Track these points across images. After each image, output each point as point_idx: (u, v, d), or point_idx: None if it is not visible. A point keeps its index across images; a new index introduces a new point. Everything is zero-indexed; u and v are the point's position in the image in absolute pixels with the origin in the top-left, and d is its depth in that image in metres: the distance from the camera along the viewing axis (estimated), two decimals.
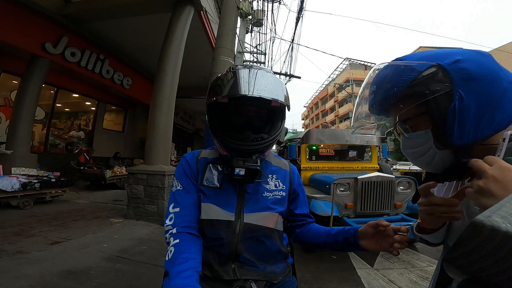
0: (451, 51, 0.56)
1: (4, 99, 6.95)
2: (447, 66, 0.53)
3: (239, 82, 0.84)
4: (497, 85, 0.52)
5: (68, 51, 6.72)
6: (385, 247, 0.77)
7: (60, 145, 8.66)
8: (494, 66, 0.53)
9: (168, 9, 5.63)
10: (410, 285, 2.85)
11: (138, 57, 9.01)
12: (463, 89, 0.52)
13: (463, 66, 0.52)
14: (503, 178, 0.42)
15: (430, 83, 0.54)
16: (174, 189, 0.96)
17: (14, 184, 4.70)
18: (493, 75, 0.52)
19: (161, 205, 4.62)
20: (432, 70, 0.54)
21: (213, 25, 7.13)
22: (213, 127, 0.92)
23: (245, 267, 0.92)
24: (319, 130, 5.87)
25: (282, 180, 1.03)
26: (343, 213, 3.57)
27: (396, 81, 0.56)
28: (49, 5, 6.05)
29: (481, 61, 0.53)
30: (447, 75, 0.53)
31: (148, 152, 5.01)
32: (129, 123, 11.46)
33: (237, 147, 0.88)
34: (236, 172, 0.86)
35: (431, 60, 0.55)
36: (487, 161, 0.45)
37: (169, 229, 0.89)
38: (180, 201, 0.93)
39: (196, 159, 1.00)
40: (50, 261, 2.72)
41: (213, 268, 0.91)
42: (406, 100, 0.57)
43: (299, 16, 9.57)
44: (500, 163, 0.43)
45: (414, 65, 0.55)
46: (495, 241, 0.31)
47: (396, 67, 0.58)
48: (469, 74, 0.52)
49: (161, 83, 5.14)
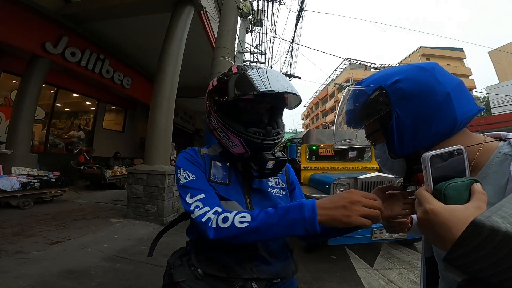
0: (394, 70, 0.63)
1: (4, 99, 6.95)
2: (387, 87, 0.61)
3: (267, 78, 0.85)
4: (431, 99, 0.57)
5: (68, 51, 6.72)
6: (396, 211, 0.75)
7: (60, 145, 8.66)
8: (431, 80, 0.58)
9: (168, 9, 5.64)
10: (410, 285, 2.85)
11: (138, 57, 9.02)
12: (399, 108, 0.59)
13: (400, 86, 0.59)
14: (430, 222, 0.42)
15: (375, 104, 0.62)
16: (185, 181, 0.86)
17: (14, 184, 4.71)
18: (427, 90, 0.57)
19: (161, 205, 4.62)
20: (377, 93, 0.62)
21: (213, 25, 7.14)
22: (231, 125, 0.89)
23: (261, 266, 0.90)
24: (319, 130, 5.86)
25: (280, 176, 1.04)
26: None
27: (354, 104, 0.67)
28: (49, 5, 6.06)
29: (418, 78, 0.59)
30: (387, 96, 0.60)
31: (148, 152, 5.01)
32: (129, 123, 11.47)
33: (263, 143, 0.88)
34: (268, 165, 0.90)
35: (377, 82, 0.63)
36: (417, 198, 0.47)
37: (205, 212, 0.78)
38: (200, 187, 0.85)
39: (200, 154, 0.96)
40: (50, 261, 2.73)
41: (230, 267, 0.86)
42: (363, 119, 0.67)
43: (299, 16, 9.57)
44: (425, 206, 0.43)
45: (366, 89, 0.64)
46: (495, 241, 0.31)
47: (354, 92, 0.68)
48: (404, 93, 0.59)
49: (161, 83, 5.14)
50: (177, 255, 0.94)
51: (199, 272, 0.86)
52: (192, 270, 0.87)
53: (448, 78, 0.59)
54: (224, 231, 0.72)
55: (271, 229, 0.68)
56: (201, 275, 0.85)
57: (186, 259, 0.90)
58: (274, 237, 0.70)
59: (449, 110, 0.57)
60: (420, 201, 0.45)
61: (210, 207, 0.79)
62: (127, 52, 8.64)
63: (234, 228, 0.71)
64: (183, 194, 0.84)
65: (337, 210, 0.64)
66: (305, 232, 0.65)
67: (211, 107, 0.94)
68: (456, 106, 0.57)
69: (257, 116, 0.93)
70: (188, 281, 0.84)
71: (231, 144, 0.90)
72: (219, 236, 0.72)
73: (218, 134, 0.93)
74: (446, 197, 0.42)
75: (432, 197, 0.44)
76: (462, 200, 0.42)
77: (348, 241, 3.40)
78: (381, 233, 3.29)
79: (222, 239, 0.73)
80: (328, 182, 3.67)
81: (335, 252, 3.73)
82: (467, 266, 0.34)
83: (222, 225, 0.73)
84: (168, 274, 0.90)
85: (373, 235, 3.29)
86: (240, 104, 0.92)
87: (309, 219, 0.65)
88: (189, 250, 0.94)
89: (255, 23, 9.91)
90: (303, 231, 0.66)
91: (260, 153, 0.88)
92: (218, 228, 0.73)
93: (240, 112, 0.92)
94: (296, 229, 0.66)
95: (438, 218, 0.41)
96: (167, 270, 0.92)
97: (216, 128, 0.93)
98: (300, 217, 0.66)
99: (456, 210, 0.40)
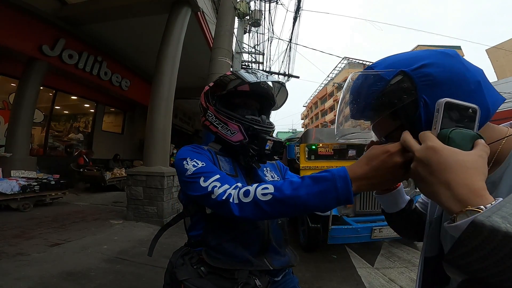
0: (417, 54, 0.55)
1: (3, 102, 6.93)
2: (412, 72, 0.52)
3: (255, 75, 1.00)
4: (462, 88, 0.51)
5: (66, 53, 6.70)
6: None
7: (60, 148, 8.64)
8: (460, 67, 0.52)
9: (165, 10, 5.63)
10: (411, 284, 2.85)
11: (136, 58, 9.00)
12: (427, 95, 0.51)
13: (427, 71, 0.52)
14: (429, 161, 0.41)
15: (397, 92, 0.53)
16: (194, 168, 0.83)
17: (13, 187, 4.70)
18: (458, 78, 0.51)
19: (160, 206, 4.62)
20: (398, 78, 0.53)
21: (211, 26, 7.13)
22: (231, 113, 0.97)
23: (274, 257, 0.93)
24: (318, 129, 5.87)
25: (274, 171, 1.13)
26: (342, 212, 3.57)
27: (368, 92, 0.57)
28: (46, 7, 6.04)
29: (447, 63, 0.52)
30: (412, 82, 0.52)
31: (147, 154, 5.01)
32: (128, 125, 11.44)
33: (260, 128, 0.96)
34: (267, 145, 0.95)
35: (398, 66, 0.54)
36: (420, 139, 0.45)
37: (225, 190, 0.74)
38: (213, 170, 0.83)
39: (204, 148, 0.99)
40: (50, 263, 2.73)
41: (247, 260, 0.87)
42: (380, 110, 0.57)
43: (297, 16, 9.57)
44: (427, 143, 0.43)
45: (382, 73, 0.55)
46: (495, 242, 0.31)
47: (366, 77, 0.58)
48: (433, 79, 0.51)
49: (159, 84, 5.14)
50: (178, 254, 0.94)
51: (202, 270, 0.86)
52: (195, 268, 0.87)
53: (474, 67, 0.54)
54: (248, 206, 0.67)
55: (298, 201, 0.61)
56: (204, 273, 0.85)
57: (188, 257, 0.90)
58: (302, 211, 0.63)
59: (482, 99, 0.51)
60: (423, 140, 0.44)
61: (229, 184, 0.76)
62: (125, 53, 8.61)
63: (258, 200, 0.66)
64: (194, 180, 0.80)
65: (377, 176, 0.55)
66: (338, 204, 0.59)
67: (208, 103, 1.01)
68: (487, 95, 0.52)
69: (251, 111, 1.04)
70: (192, 280, 0.84)
71: (230, 132, 0.95)
72: (244, 213, 0.68)
73: (215, 127, 0.98)
74: (450, 139, 0.41)
75: (435, 138, 0.43)
76: (465, 147, 0.41)
77: (348, 240, 3.41)
78: (381, 232, 3.30)
79: (247, 214, 0.68)
80: None
81: (335, 251, 3.74)
82: (467, 266, 0.34)
83: (244, 200, 0.68)
84: (170, 273, 0.90)
85: (372, 233, 3.30)
86: (235, 101, 1.03)
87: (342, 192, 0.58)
88: (192, 249, 0.94)
89: (253, 24, 9.93)
90: (335, 204, 0.60)
91: (259, 136, 0.95)
92: (241, 204, 0.69)
93: (236, 107, 1.03)
94: (328, 201, 0.59)
95: (438, 156, 0.40)
96: (169, 269, 0.92)
97: (214, 121, 0.99)
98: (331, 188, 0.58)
99: (457, 152, 0.40)
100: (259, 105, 1.08)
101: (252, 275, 0.87)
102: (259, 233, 0.91)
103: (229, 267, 0.86)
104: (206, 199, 0.77)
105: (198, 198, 0.81)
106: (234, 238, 0.89)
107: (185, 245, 0.98)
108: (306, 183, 0.61)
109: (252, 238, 0.90)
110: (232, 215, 0.69)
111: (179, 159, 0.89)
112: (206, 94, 1.03)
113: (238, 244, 0.88)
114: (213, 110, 0.99)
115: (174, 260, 0.92)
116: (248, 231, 0.90)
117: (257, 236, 0.91)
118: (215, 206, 0.76)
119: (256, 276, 0.87)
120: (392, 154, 0.52)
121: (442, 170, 0.39)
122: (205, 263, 0.87)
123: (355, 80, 0.61)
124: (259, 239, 0.91)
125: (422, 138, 0.44)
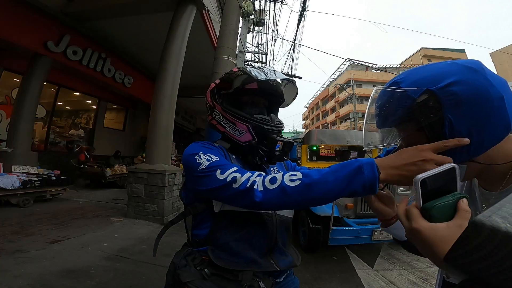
0: (444, 70, 0.56)
1: (6, 97, 6.95)
2: (438, 91, 0.53)
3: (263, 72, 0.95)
4: (487, 105, 0.52)
5: (70, 50, 6.73)
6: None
7: (61, 143, 8.66)
8: (484, 83, 0.53)
9: (170, 8, 5.64)
10: (410, 286, 2.85)
11: (139, 56, 9.02)
12: (452, 114, 0.53)
13: (453, 90, 0.53)
14: (414, 239, 0.46)
15: (423, 110, 0.55)
16: (209, 162, 0.80)
17: (14, 182, 4.70)
18: (483, 95, 0.52)
19: (161, 204, 4.62)
20: (425, 97, 0.55)
21: (215, 25, 7.14)
22: (239, 113, 0.94)
23: (280, 257, 0.92)
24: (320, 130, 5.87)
25: (282, 170, 1.07)
26: (344, 214, 3.57)
27: (394, 108, 0.59)
28: (52, 3, 6.05)
29: (472, 80, 0.53)
30: (438, 101, 0.54)
31: (149, 151, 5.01)
32: (129, 122, 11.47)
33: (269, 127, 0.93)
34: (278, 146, 0.93)
35: (424, 84, 0.55)
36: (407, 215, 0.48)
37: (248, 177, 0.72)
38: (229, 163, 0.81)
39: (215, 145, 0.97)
40: (50, 260, 2.72)
41: (255, 261, 0.86)
42: (405, 126, 0.60)
43: (301, 17, 9.56)
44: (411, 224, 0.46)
45: (409, 92, 0.56)
46: (495, 241, 0.31)
47: (393, 93, 0.59)
48: (458, 98, 0.52)
49: (163, 82, 5.14)
50: (181, 255, 0.92)
51: (206, 272, 0.84)
52: (198, 270, 0.85)
53: (498, 79, 0.55)
54: (273, 192, 0.66)
55: (326, 185, 0.62)
56: (208, 275, 0.84)
57: (191, 258, 0.88)
58: (329, 195, 0.63)
59: (503, 115, 0.52)
60: (409, 218, 0.47)
61: (251, 173, 0.74)
62: (129, 51, 8.64)
63: (285, 186, 0.65)
64: (209, 174, 0.77)
65: (405, 168, 0.57)
66: (363, 190, 0.60)
67: (215, 101, 0.99)
68: (509, 110, 0.52)
69: (259, 109, 1.01)
70: (196, 281, 0.82)
71: (238, 132, 0.93)
72: (267, 197, 0.67)
73: (223, 126, 0.96)
74: (431, 217, 0.45)
75: (418, 216, 0.46)
76: (446, 218, 0.44)
77: (348, 242, 3.41)
78: (381, 234, 3.29)
79: (270, 200, 0.67)
80: None
81: (335, 252, 3.73)
82: (467, 266, 0.35)
83: (270, 186, 0.67)
84: (172, 275, 0.88)
85: (373, 235, 3.29)
86: (243, 98, 1.00)
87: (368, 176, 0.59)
88: (194, 248, 0.91)
89: (257, 23, 9.92)
90: (361, 189, 0.60)
91: (269, 136, 0.93)
92: (266, 191, 0.67)
93: (244, 105, 1.00)
94: (354, 185, 0.60)
95: (421, 237, 0.44)
96: (172, 270, 0.90)
97: (221, 120, 0.96)
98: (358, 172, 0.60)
99: (438, 229, 0.43)
100: (267, 103, 1.04)
101: (256, 277, 0.85)
102: (267, 233, 0.89)
103: (235, 268, 0.84)
104: (223, 190, 0.74)
105: (213, 192, 0.78)
106: (242, 237, 0.87)
107: (186, 245, 0.97)
108: (333, 168, 0.63)
109: (260, 239, 0.89)
110: (253, 202, 0.68)
111: (189, 154, 0.85)
112: (213, 92, 1.00)
113: (245, 244, 0.86)
114: (220, 109, 0.96)
115: (177, 261, 0.90)
116: (256, 231, 0.88)
117: (265, 237, 0.89)
118: (235, 196, 0.72)
119: (259, 278, 0.86)
120: (422, 150, 0.55)
121: (429, 248, 0.43)
122: (208, 264, 0.85)
123: (381, 95, 0.63)
124: (267, 240, 0.89)
125: (408, 216, 0.48)
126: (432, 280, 2.93)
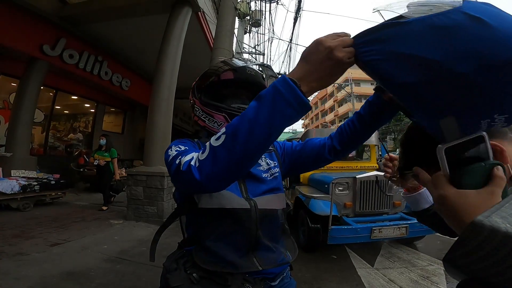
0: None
1: (3, 102, 6.95)
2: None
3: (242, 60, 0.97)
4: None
5: (66, 53, 6.72)
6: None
7: (60, 147, 8.66)
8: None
9: (166, 10, 5.64)
10: (411, 284, 2.85)
11: (136, 58, 9.01)
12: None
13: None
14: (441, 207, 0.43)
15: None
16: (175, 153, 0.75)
17: (13, 187, 4.70)
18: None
19: (160, 206, 4.62)
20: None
21: (211, 26, 7.14)
22: (215, 104, 0.94)
23: (265, 255, 0.87)
24: (318, 129, 5.88)
25: (269, 157, 1.01)
26: (342, 213, 3.57)
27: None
28: (46, 7, 6.05)
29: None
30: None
31: (147, 153, 5.01)
32: (128, 125, 11.44)
33: None
34: None
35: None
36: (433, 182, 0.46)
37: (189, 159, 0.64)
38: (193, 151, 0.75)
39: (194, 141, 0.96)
40: (50, 263, 2.73)
41: (232, 262, 0.81)
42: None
43: (297, 16, 9.58)
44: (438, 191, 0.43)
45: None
46: (495, 242, 0.31)
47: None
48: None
49: (159, 84, 5.14)
50: (172, 258, 0.90)
51: (195, 277, 0.82)
52: (188, 274, 0.83)
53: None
54: (206, 162, 0.58)
55: (252, 124, 0.54)
56: (196, 280, 0.82)
57: (183, 262, 0.87)
58: (262, 131, 0.54)
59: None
60: (435, 185, 0.45)
61: (196, 152, 0.67)
62: (125, 53, 8.63)
63: (213, 150, 0.58)
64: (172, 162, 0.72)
65: (320, 68, 0.53)
66: (295, 111, 0.54)
67: (194, 97, 0.99)
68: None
69: (241, 101, 0.99)
70: (184, 286, 0.81)
71: (216, 124, 0.93)
72: (205, 172, 0.58)
73: (203, 120, 0.96)
74: (461, 184, 0.41)
75: (445, 183, 0.43)
76: (478, 185, 0.40)
77: (348, 241, 3.41)
78: (380, 232, 3.29)
79: (211, 175, 0.58)
80: (327, 181, 3.67)
81: (335, 251, 3.73)
82: (467, 266, 0.34)
83: (202, 157, 0.60)
84: (164, 278, 0.87)
85: (372, 234, 3.29)
86: (223, 92, 0.99)
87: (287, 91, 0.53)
88: (186, 250, 0.90)
89: (253, 24, 9.93)
90: (288, 108, 0.53)
91: None
92: (200, 164, 0.59)
93: (225, 98, 0.98)
94: (279, 108, 0.53)
95: (449, 203, 0.41)
96: (163, 274, 0.89)
97: (201, 115, 0.96)
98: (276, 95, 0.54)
99: (467, 195, 0.40)
100: (250, 95, 1.01)
101: (246, 281, 0.83)
102: (244, 230, 0.84)
103: (217, 269, 0.81)
104: (175, 176, 0.69)
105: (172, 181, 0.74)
106: (219, 236, 0.83)
107: (179, 247, 0.95)
108: (252, 104, 0.56)
109: (236, 236, 0.84)
110: (195, 184, 0.60)
111: (165, 151, 0.82)
112: (193, 89, 1.00)
113: (222, 243, 0.83)
114: (199, 103, 0.96)
115: (167, 264, 0.89)
116: (232, 228, 0.84)
117: (242, 234, 0.84)
118: (182, 181, 0.66)
119: (250, 282, 0.83)
120: (321, 42, 0.53)
121: (456, 216, 0.40)
122: (198, 267, 0.83)
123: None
124: (245, 237, 0.84)
125: (434, 183, 0.45)
126: (433, 278, 2.93)
